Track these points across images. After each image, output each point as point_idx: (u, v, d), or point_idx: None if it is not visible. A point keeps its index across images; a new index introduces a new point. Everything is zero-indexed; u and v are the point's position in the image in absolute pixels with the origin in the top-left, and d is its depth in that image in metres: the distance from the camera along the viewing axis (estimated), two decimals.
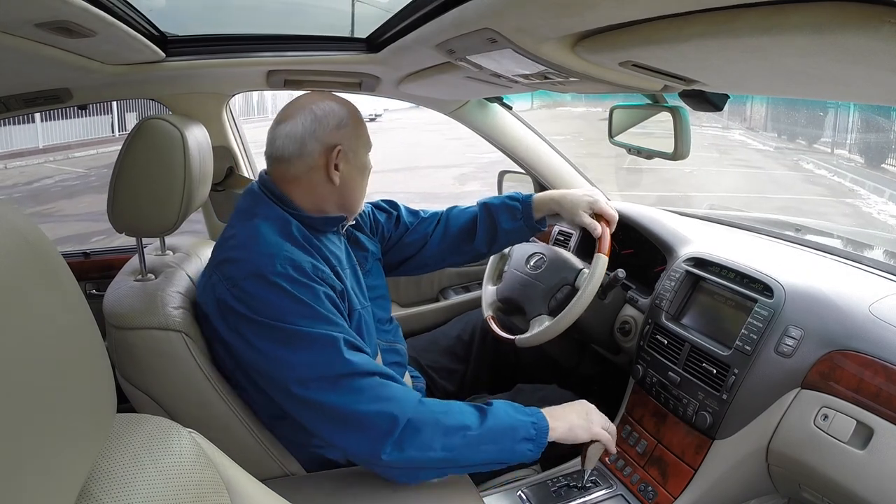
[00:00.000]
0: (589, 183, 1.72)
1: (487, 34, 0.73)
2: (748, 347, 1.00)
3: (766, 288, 1.04)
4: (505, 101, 1.67)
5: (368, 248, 1.18)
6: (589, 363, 1.53)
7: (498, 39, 0.73)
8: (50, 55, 0.90)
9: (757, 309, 1.02)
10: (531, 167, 1.72)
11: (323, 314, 0.85)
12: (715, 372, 1.03)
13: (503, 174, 1.87)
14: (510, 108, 1.68)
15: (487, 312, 1.38)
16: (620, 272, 1.24)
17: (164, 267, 1.01)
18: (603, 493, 1.11)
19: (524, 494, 1.10)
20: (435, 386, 1.34)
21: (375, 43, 1.23)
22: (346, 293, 0.95)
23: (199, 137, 1.02)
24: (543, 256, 1.34)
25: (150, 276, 0.98)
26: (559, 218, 1.30)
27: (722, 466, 1.02)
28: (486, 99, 1.64)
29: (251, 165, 1.61)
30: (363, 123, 1.02)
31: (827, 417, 0.88)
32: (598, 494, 1.10)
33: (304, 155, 0.95)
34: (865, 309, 0.93)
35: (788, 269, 1.07)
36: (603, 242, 1.20)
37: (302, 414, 0.85)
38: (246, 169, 1.59)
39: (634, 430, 1.19)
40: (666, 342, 1.15)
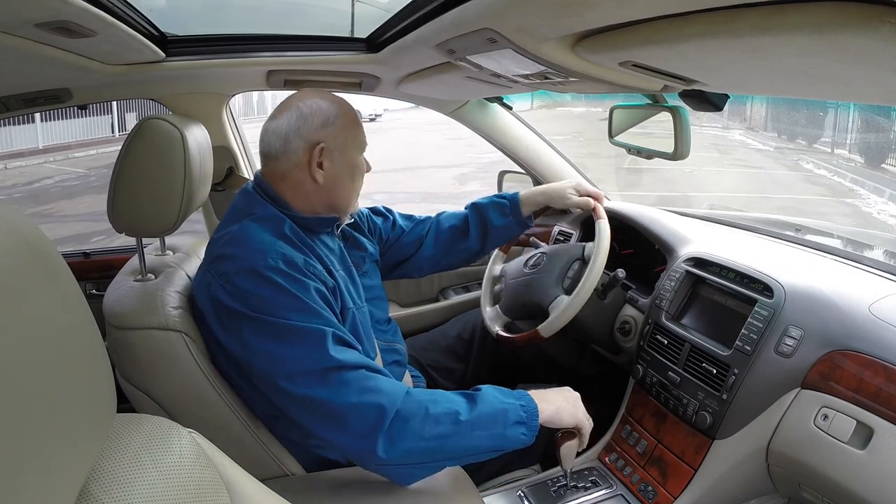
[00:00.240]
0: (589, 183, 1.73)
1: (487, 34, 0.73)
2: (748, 347, 1.00)
3: (766, 288, 1.04)
4: (505, 101, 1.67)
5: (367, 248, 1.18)
6: (589, 363, 1.53)
7: (498, 39, 0.73)
8: (50, 55, 0.90)
9: (757, 309, 1.02)
10: (531, 167, 1.72)
11: (313, 308, 0.85)
12: (715, 372, 1.03)
13: (503, 174, 1.87)
14: (510, 108, 1.68)
15: (495, 330, 1.34)
16: (620, 272, 1.24)
17: (164, 267, 1.01)
18: (603, 493, 1.11)
19: (524, 494, 1.10)
20: (435, 385, 1.34)
21: (375, 43, 1.23)
22: (338, 291, 0.95)
23: (199, 137, 1.02)
24: (543, 254, 1.34)
25: (150, 276, 0.98)
26: (554, 217, 1.31)
27: (722, 466, 1.02)
28: (486, 99, 1.64)
29: (251, 165, 1.61)
30: (356, 124, 1.01)
31: (827, 417, 0.88)
32: (598, 494, 1.10)
33: (288, 152, 0.96)
34: (865, 309, 0.93)
35: (788, 269, 1.07)
36: (598, 211, 1.26)
37: (293, 410, 0.85)
38: (246, 169, 1.59)
39: (634, 430, 1.19)
40: (666, 342, 1.15)
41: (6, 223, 0.32)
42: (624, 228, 1.44)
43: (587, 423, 0.95)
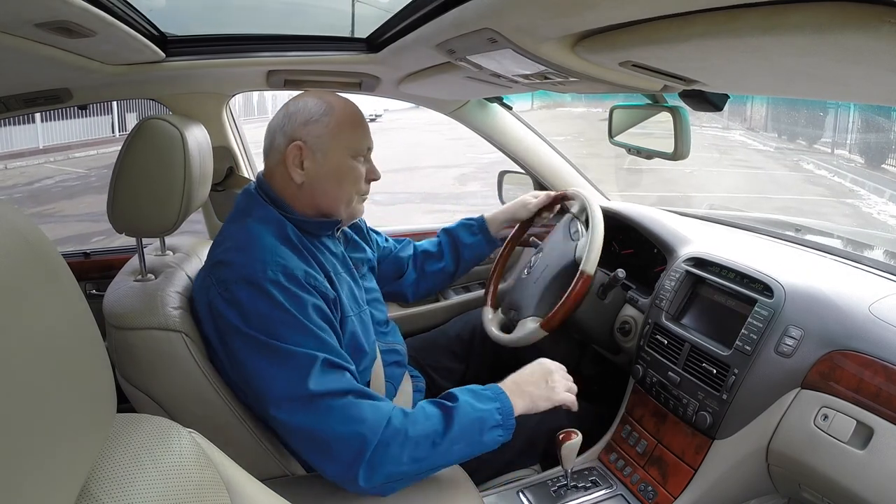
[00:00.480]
0: (589, 183, 1.73)
1: (487, 34, 0.73)
2: (748, 347, 1.00)
3: (766, 288, 1.04)
4: (505, 101, 1.67)
5: (366, 251, 1.18)
6: (589, 363, 1.52)
7: (498, 39, 0.73)
8: (50, 55, 0.90)
9: (757, 309, 1.02)
10: (531, 167, 1.72)
11: (308, 328, 0.84)
12: (715, 372, 1.03)
13: (503, 174, 1.87)
14: (510, 108, 1.68)
15: (492, 332, 1.35)
16: (620, 272, 1.24)
17: (164, 267, 1.01)
18: (603, 493, 1.11)
19: (524, 494, 1.10)
20: (435, 385, 1.34)
21: (375, 43, 1.23)
22: (338, 301, 0.94)
23: (199, 137, 1.02)
24: (540, 253, 1.34)
25: (150, 276, 0.98)
26: (556, 217, 1.34)
27: (722, 466, 1.02)
28: (486, 99, 1.64)
29: (251, 165, 1.61)
30: (351, 126, 0.96)
31: (827, 417, 0.88)
32: (598, 494, 1.10)
33: (272, 149, 0.96)
34: (865, 309, 0.93)
35: (788, 269, 1.07)
36: (563, 194, 1.40)
37: (278, 430, 0.87)
38: (246, 169, 1.59)
39: (634, 430, 1.19)
40: (666, 342, 1.15)
41: (6, 223, 0.32)
42: (624, 228, 1.44)
43: (569, 396, 0.95)
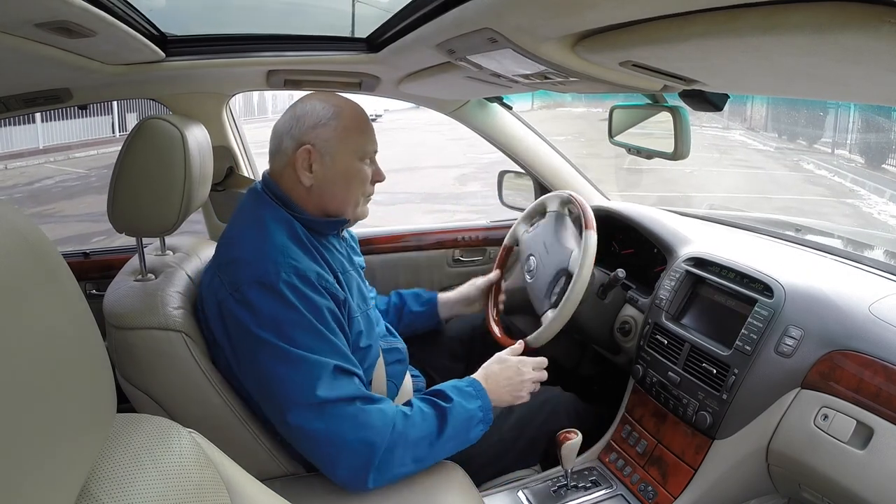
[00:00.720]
0: (589, 183, 1.73)
1: (487, 34, 0.73)
2: (748, 347, 1.00)
3: (766, 288, 1.04)
4: (505, 101, 1.67)
5: (361, 256, 1.19)
6: (589, 363, 1.52)
7: (498, 39, 0.73)
8: (50, 55, 0.90)
9: (757, 309, 1.02)
10: (531, 167, 1.72)
11: (321, 331, 0.85)
12: (715, 372, 1.03)
13: (503, 174, 1.87)
14: (510, 108, 1.68)
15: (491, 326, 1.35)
16: (620, 272, 1.24)
17: (164, 267, 1.01)
18: (603, 493, 1.11)
19: (524, 494, 1.10)
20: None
21: (375, 43, 1.23)
22: (347, 302, 0.94)
23: (199, 137, 1.02)
24: (535, 256, 1.34)
25: (150, 276, 0.98)
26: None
27: (722, 466, 1.02)
28: (486, 99, 1.64)
29: (251, 165, 1.61)
30: (356, 130, 0.98)
31: (827, 417, 0.88)
32: (598, 494, 1.10)
33: (279, 151, 0.97)
34: (865, 309, 0.93)
35: (788, 269, 1.07)
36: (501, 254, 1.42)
37: (289, 435, 0.87)
38: (246, 169, 1.59)
39: (634, 430, 1.19)
40: (666, 342, 1.15)
41: (6, 223, 0.32)
42: (624, 228, 1.44)
43: (538, 378, 1.05)
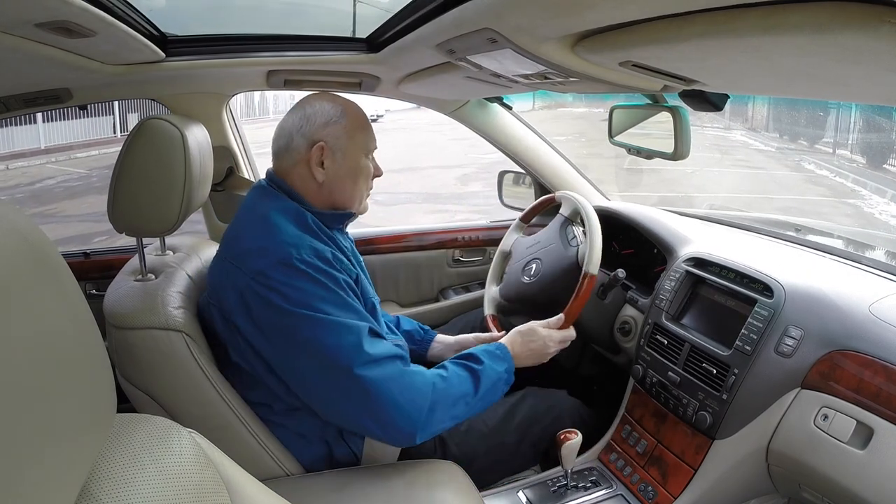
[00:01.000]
0: (589, 183, 1.73)
1: (487, 34, 0.73)
2: (748, 347, 0.99)
3: (766, 288, 1.04)
4: (505, 101, 1.67)
5: (360, 259, 1.19)
6: (589, 363, 1.52)
7: (498, 39, 0.73)
8: (50, 55, 0.90)
9: (757, 309, 1.02)
10: (531, 167, 1.72)
11: (348, 302, 0.89)
12: (715, 372, 1.03)
13: (503, 174, 1.88)
14: (510, 108, 1.68)
15: (489, 311, 1.36)
16: (620, 272, 1.24)
17: (164, 267, 1.01)
18: (603, 493, 1.11)
19: (524, 494, 1.10)
20: None
21: (375, 43, 1.23)
22: (360, 281, 0.98)
23: (199, 137, 1.02)
24: (538, 260, 1.33)
25: (150, 275, 0.99)
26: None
27: (722, 466, 1.02)
28: (486, 99, 1.64)
29: (251, 166, 1.61)
30: (361, 128, 1.02)
31: (827, 417, 0.88)
32: (598, 494, 1.10)
33: (290, 150, 0.99)
34: (865, 309, 0.93)
35: (788, 269, 1.07)
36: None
37: (325, 404, 0.89)
38: (246, 169, 1.59)
39: (634, 430, 1.19)
40: (666, 342, 1.15)
41: (6, 223, 0.32)
42: (624, 228, 1.44)
43: (565, 339, 1.13)
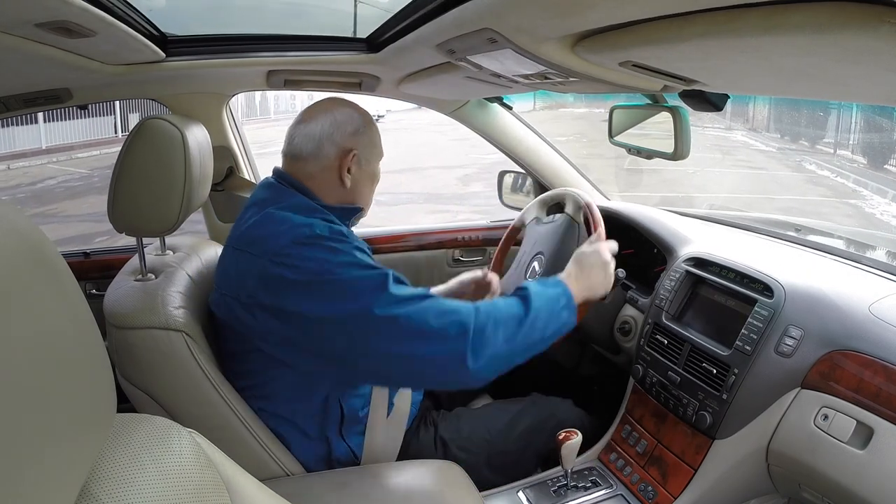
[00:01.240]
0: (589, 183, 1.73)
1: (487, 34, 0.73)
2: (748, 347, 0.99)
3: (766, 288, 1.04)
4: (505, 101, 1.67)
5: None
6: (589, 363, 1.52)
7: (498, 39, 0.73)
8: (50, 55, 0.90)
9: (757, 309, 1.02)
10: (531, 167, 1.72)
11: (367, 262, 0.89)
12: (715, 372, 1.03)
13: (503, 174, 1.87)
14: (510, 108, 1.68)
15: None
16: (620, 272, 1.24)
17: (164, 266, 1.01)
18: (603, 493, 1.11)
19: (524, 494, 1.10)
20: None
21: (375, 43, 1.23)
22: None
23: (199, 137, 1.02)
24: (540, 254, 1.33)
25: (150, 275, 0.99)
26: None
27: (722, 466, 1.02)
28: (486, 99, 1.64)
29: (251, 166, 1.61)
30: (378, 134, 1.06)
31: (827, 417, 0.88)
32: (598, 494, 1.10)
33: (319, 156, 0.99)
34: (865, 309, 0.93)
35: (788, 269, 1.07)
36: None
37: (371, 357, 0.87)
38: (246, 169, 1.59)
39: (634, 430, 1.19)
40: (666, 342, 1.15)
41: (6, 223, 0.32)
42: (624, 228, 1.44)
43: (609, 255, 1.11)
